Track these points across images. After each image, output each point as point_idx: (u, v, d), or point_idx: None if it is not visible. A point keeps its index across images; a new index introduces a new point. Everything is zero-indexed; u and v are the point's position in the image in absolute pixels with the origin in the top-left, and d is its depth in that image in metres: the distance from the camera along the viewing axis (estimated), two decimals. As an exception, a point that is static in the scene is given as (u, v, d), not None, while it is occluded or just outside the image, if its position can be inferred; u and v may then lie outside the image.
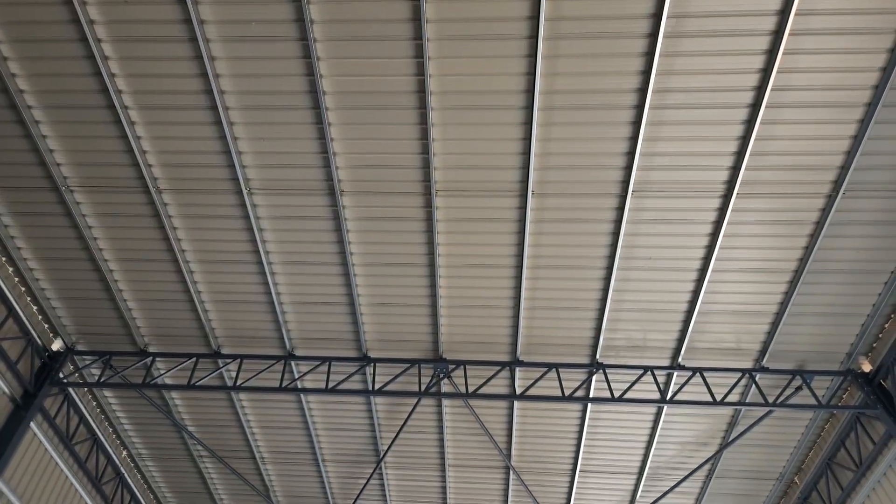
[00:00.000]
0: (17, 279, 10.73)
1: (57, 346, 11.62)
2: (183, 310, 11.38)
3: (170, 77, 8.48)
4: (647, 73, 8.10)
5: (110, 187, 9.69)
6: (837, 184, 8.99)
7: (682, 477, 13.36)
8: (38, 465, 11.24)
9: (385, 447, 13.76)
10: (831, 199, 9.13)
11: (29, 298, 11.04)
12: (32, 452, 11.09)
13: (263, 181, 9.55)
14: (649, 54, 7.94)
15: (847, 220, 9.41)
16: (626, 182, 9.21)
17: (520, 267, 10.41)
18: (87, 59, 8.29)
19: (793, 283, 10.21)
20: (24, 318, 10.83)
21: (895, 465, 10.98)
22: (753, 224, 9.56)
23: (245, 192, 9.56)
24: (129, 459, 14.10)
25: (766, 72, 8.00)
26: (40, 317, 11.32)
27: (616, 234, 9.83)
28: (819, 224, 9.44)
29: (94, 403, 12.84)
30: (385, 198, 9.70)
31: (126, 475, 13.97)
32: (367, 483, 14.07)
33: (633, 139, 8.74)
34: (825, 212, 9.29)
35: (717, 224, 9.56)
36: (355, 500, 14.42)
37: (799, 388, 11.33)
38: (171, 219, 10.06)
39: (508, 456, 13.77)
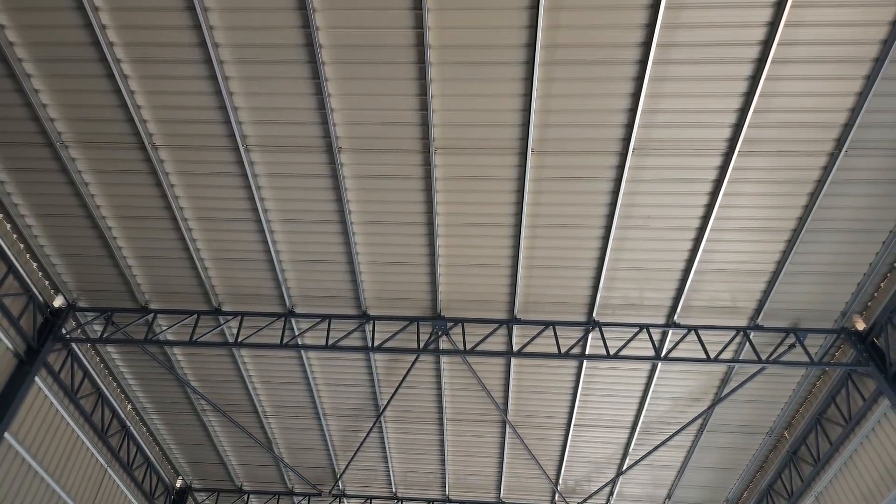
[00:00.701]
0: (15, 236, 10.72)
1: (58, 302, 11.70)
2: (183, 267, 11.42)
3: (162, 29, 8.27)
4: (651, 28, 7.91)
5: (105, 143, 9.58)
6: (840, 142, 8.90)
7: (674, 431, 13.68)
8: (45, 418, 11.47)
9: (384, 402, 14.04)
10: (833, 157, 9.06)
11: (28, 255, 11.05)
12: (38, 406, 11.30)
13: (260, 138, 9.44)
14: (654, 7, 7.74)
15: (848, 179, 9.37)
16: (626, 140, 9.12)
17: (518, 226, 10.40)
18: (77, 9, 8.08)
19: (791, 243, 10.23)
20: (24, 275, 10.87)
21: (883, 421, 11.25)
22: (754, 183, 9.52)
23: (242, 148, 9.46)
24: (133, 413, 14.38)
25: (772, 26, 7.82)
26: (40, 273, 11.36)
27: (615, 192, 9.79)
28: (820, 183, 9.39)
29: (98, 359, 13.02)
30: (383, 155, 9.61)
31: (131, 428, 14.28)
32: (367, 436, 14.42)
33: (636, 95, 8.60)
34: (826, 170, 9.23)
35: (718, 183, 9.52)
36: (355, 453, 14.82)
37: (792, 346, 11.49)
38: (168, 176, 9.99)
39: (505, 411, 14.06)
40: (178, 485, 16.63)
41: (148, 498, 15.02)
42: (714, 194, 9.67)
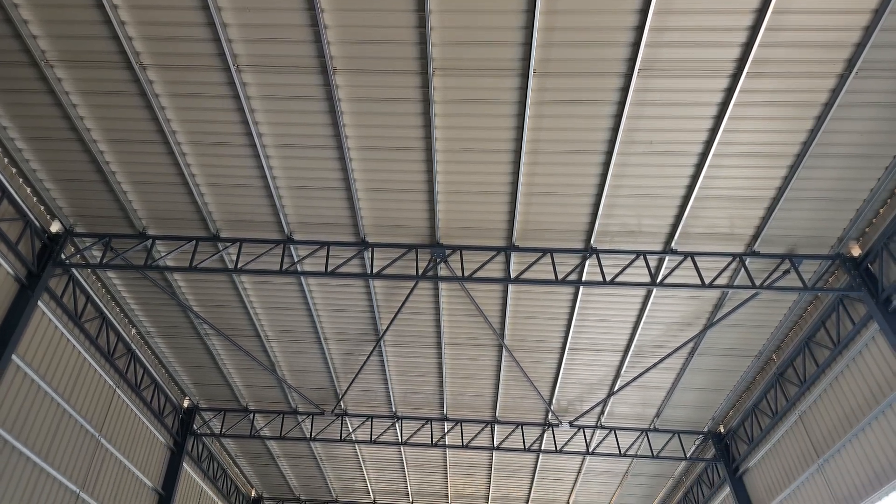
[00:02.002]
0: (6, 160, 10.53)
1: (55, 227, 11.66)
2: (179, 193, 11.30)
3: (143, -64, 7.77)
4: (662, -64, 7.46)
5: (91, 62, 9.22)
6: (851, 62, 8.62)
7: (665, 354, 14.10)
8: (50, 342, 11.70)
9: (384, 327, 14.32)
10: (843, 78, 8.81)
11: (21, 180, 10.90)
12: (43, 330, 11.50)
13: (252, 57, 9.09)
14: (667, -87, 7.27)
15: (855, 102, 9.15)
16: (632, 60, 8.81)
17: (518, 151, 10.24)
18: (50, -86, 7.54)
19: (793, 168, 10.13)
20: (19, 200, 10.77)
21: (871, 345, 11.56)
22: (760, 106, 9.30)
23: (233, 68, 9.13)
24: (138, 337, 14.68)
25: (791, -65, 7.38)
26: (35, 199, 11.25)
27: (618, 116, 9.57)
28: (827, 106, 9.18)
29: (100, 284, 13.13)
30: (380, 77, 9.30)
31: (137, 351, 14.62)
32: (367, 360, 14.83)
33: (644, 12, 8.23)
34: (835, 93, 9.00)
35: (723, 106, 9.29)
36: (356, 375, 15.30)
37: (787, 272, 11.61)
38: (159, 98, 9.69)
39: (502, 335, 14.39)
40: (185, 404, 17.24)
41: (157, 416, 15.59)
42: (719, 118, 9.47)
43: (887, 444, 11.29)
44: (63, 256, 11.70)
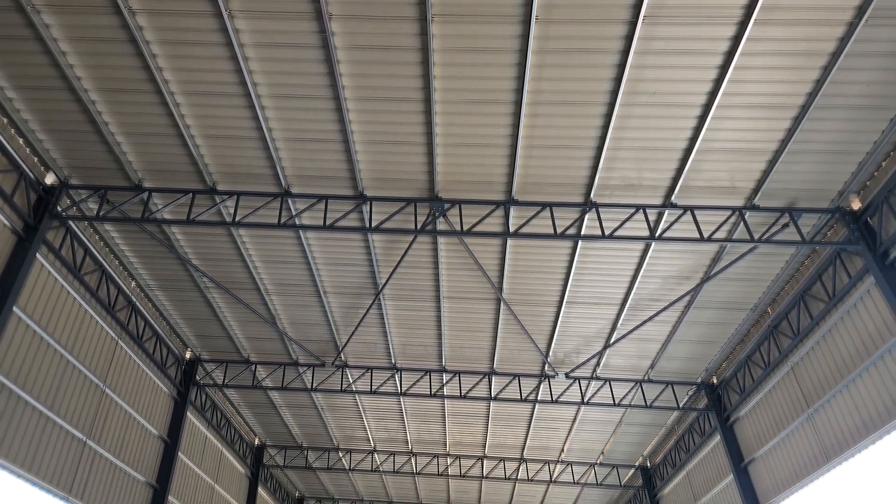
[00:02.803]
0: (-4, 111, 10.31)
1: (50, 180, 11.53)
2: (173, 144, 11.14)
3: None
4: None
5: (79, 6, 8.90)
6: (861, 9, 8.38)
7: (661, 308, 14.24)
8: (51, 294, 11.75)
9: (383, 281, 14.39)
10: (852, 26, 8.58)
11: (13, 130, 10.71)
12: (43, 283, 11.53)
13: (244, 2, 8.79)
14: None
15: (863, 52, 8.94)
16: (637, 6, 8.55)
17: (519, 103, 10.05)
18: None
19: (797, 120, 9.99)
20: (11, 151, 10.61)
21: (866, 298, 11.68)
22: (767, 55, 9.08)
23: (225, 14, 8.84)
24: (138, 289, 14.74)
25: None
26: (28, 149, 11.08)
27: (622, 66, 9.36)
28: (834, 55, 8.98)
29: (97, 237, 13.09)
30: (377, 23, 9.02)
31: (137, 304, 14.71)
32: (366, 313, 14.96)
33: (650, -46, 7.94)
34: (843, 41, 8.78)
35: (729, 55, 9.08)
36: (356, 328, 15.46)
37: (786, 226, 11.61)
38: (149, 45, 9.42)
39: (500, 289, 14.48)
40: (187, 356, 17.48)
41: (160, 368, 15.83)
42: (724, 68, 9.26)
43: (876, 395, 11.55)
44: (59, 209, 11.62)
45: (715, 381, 17.81)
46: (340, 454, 23.76)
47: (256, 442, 23.20)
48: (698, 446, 19.36)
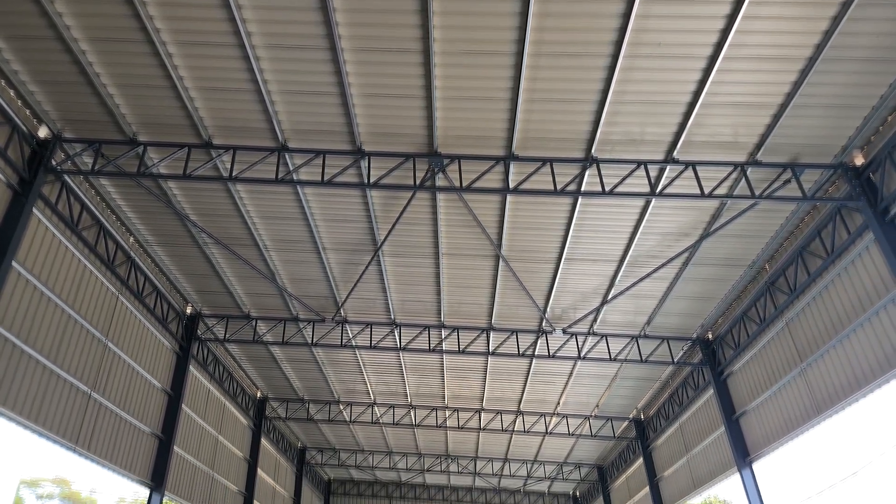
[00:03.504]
0: (-16, 61, 10.04)
1: (43, 133, 11.34)
2: (167, 97, 10.91)
3: None
4: None
5: (64, -49, 8.57)
6: (878, -44, 8.10)
7: (660, 264, 14.29)
8: (49, 249, 11.73)
9: (382, 237, 14.37)
10: (867, -26, 8.30)
11: (3, 81, 10.45)
12: (41, 238, 11.49)
13: (237, -54, 8.46)
14: None
15: (875, 0, 8.68)
16: (644, -48, 8.24)
17: (520, 54, 9.80)
18: None
19: (803, 73, 9.79)
20: (2, 103, 10.39)
21: (864, 255, 11.71)
22: (776, 4, 8.82)
23: (217, -41, 8.51)
24: (137, 245, 14.71)
25: None
26: (20, 102, 10.85)
27: (626, 15, 9.09)
28: (845, 4, 8.71)
29: (93, 192, 12.97)
30: (375, -31, 8.70)
31: (136, 259, 14.71)
32: (365, 269, 15.01)
33: None
34: (856, -10, 8.52)
35: (738, 4, 8.81)
36: (355, 284, 15.54)
37: (787, 182, 11.54)
38: (139, -8, 9.10)
39: (499, 246, 14.49)
40: (188, 311, 17.61)
41: (161, 322, 15.96)
42: (732, 17, 9.00)
43: (870, 350, 11.73)
44: (54, 163, 11.47)
45: (710, 336, 18.05)
46: (341, 407, 24.27)
47: (258, 395, 23.64)
48: (691, 400, 19.78)
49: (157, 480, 15.24)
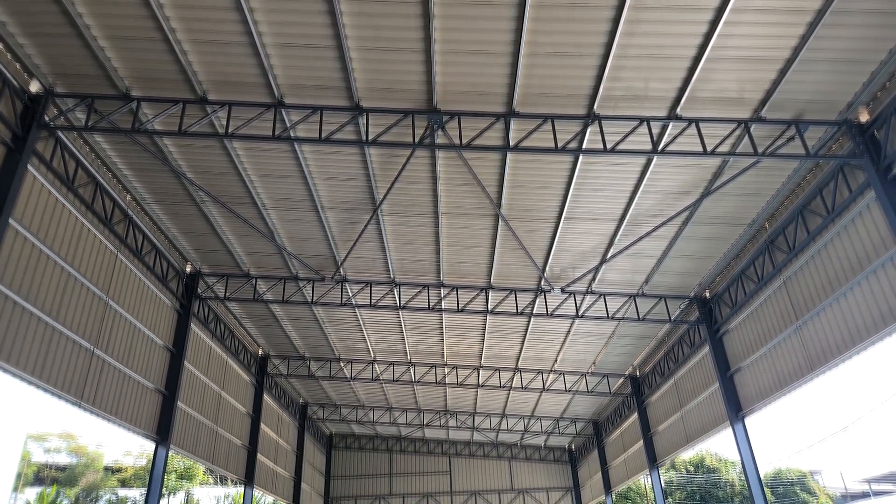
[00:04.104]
0: (-31, 12, 9.74)
1: (35, 88, 11.10)
2: (160, 51, 10.63)
3: None
4: None
5: None
6: None
7: (659, 223, 14.26)
8: (46, 207, 11.64)
9: (381, 196, 14.27)
10: (883, -80, 8.00)
11: (-10, 35, 10.18)
12: (37, 195, 11.39)
13: None
14: None
15: (892, -50, 8.40)
16: None
17: (522, 6, 9.52)
18: None
19: (811, 26, 9.54)
20: (-10, 57, 10.14)
21: (864, 213, 11.68)
22: (787, -47, 8.53)
23: None
24: (134, 203, 14.60)
25: None
26: (9, 55, 10.57)
27: (632, -36, 8.79)
28: (860, -47, 8.44)
29: (88, 149, 12.79)
30: (372, -86, 8.36)
31: (134, 217, 14.63)
32: (364, 228, 14.97)
33: None
34: (871, -62, 8.22)
35: (747, -48, 8.52)
36: (354, 243, 15.53)
37: (791, 139, 11.41)
38: (127, -62, 8.76)
39: (499, 205, 14.41)
40: (188, 270, 17.64)
41: (161, 280, 16.00)
42: (741, -33, 8.72)
43: (865, 307, 11.83)
44: (47, 118, 11.27)
45: (707, 295, 18.18)
46: (342, 364, 24.61)
47: (260, 352, 23.94)
48: (687, 357, 20.08)
49: (162, 434, 15.57)
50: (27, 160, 10.65)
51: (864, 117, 11.10)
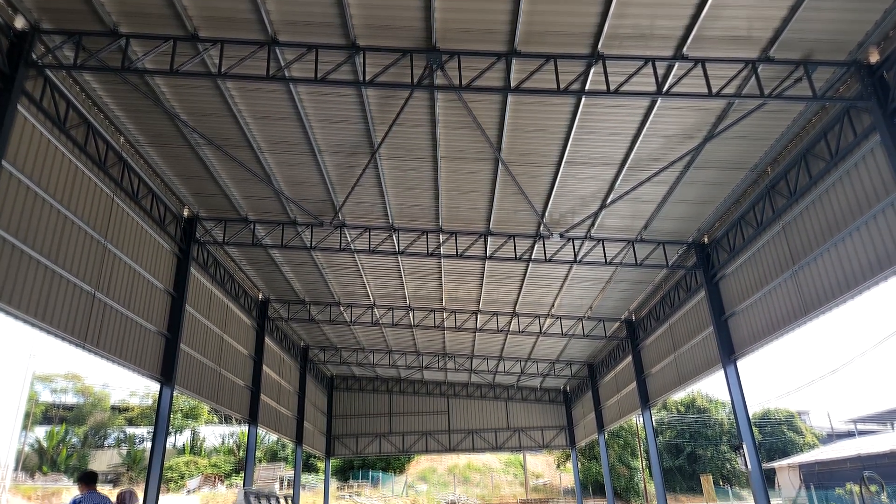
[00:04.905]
0: (-55, -59, 9.26)
1: (20, 24, 10.70)
2: (147, -16, 10.20)
3: None
4: None
5: None
6: None
7: (661, 167, 14.12)
8: (38, 148, 11.45)
9: (379, 139, 14.04)
10: None
11: (-32, -34, 9.73)
12: (28, 136, 11.17)
13: None
14: None
15: None
16: None
17: (525, -65, 9.08)
18: None
19: (828, -41, 9.15)
20: (-30, -9, 9.72)
21: (868, 157, 11.55)
22: None
23: None
24: (127, 145, 14.36)
25: None
26: (-11, -10, 10.15)
27: None
28: None
29: (78, 89, 12.47)
30: None
31: (129, 160, 14.43)
32: (363, 172, 14.81)
33: None
34: None
35: None
36: (353, 188, 15.40)
37: (798, 80, 11.15)
38: None
39: (498, 149, 14.22)
40: (185, 214, 17.56)
41: (159, 224, 15.94)
42: None
43: (863, 252, 11.88)
44: (34, 56, 10.92)
45: (706, 240, 18.22)
46: (342, 308, 24.91)
47: (260, 297, 24.17)
48: (682, 301, 20.33)
49: (166, 375, 15.90)
50: (17, 99, 10.38)
51: (874, 58, 10.80)
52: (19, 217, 10.93)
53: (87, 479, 8.20)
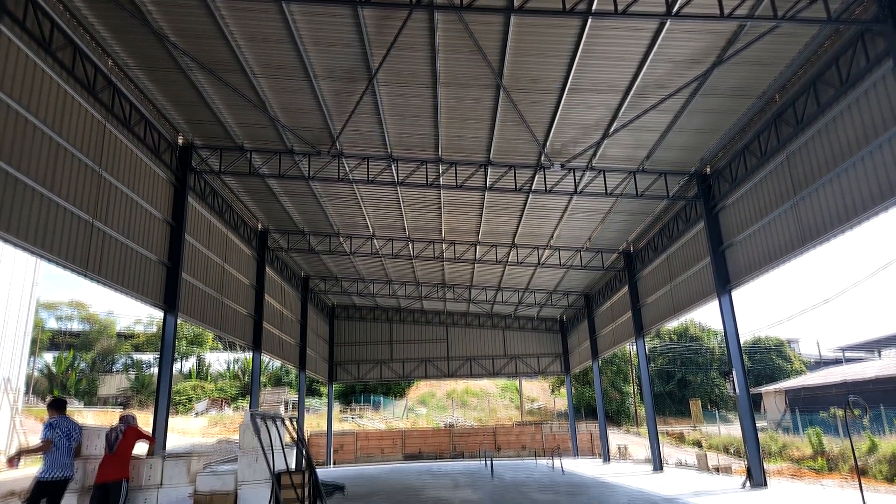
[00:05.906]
0: None
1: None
2: None
3: None
4: None
5: None
6: None
7: (667, 94, 13.75)
8: (24, 72, 11.06)
9: (377, 64, 13.58)
10: None
11: None
12: (14, 58, 10.75)
13: None
14: None
15: None
16: None
17: None
18: None
19: None
20: None
21: (878, 84, 11.23)
22: None
23: None
24: (116, 69, 13.89)
25: None
26: None
27: None
28: None
29: (62, 7, 11.89)
30: None
31: (119, 84, 14.00)
32: (360, 99, 14.42)
33: None
34: None
35: None
36: (350, 115, 15.04)
37: (812, 1, 10.66)
38: None
39: (500, 74, 13.78)
40: (180, 141, 17.24)
41: (154, 152, 15.68)
42: None
43: (864, 182, 11.78)
44: (11, -29, 10.36)
45: (708, 170, 18.04)
46: (341, 239, 24.97)
47: (260, 227, 24.17)
48: (681, 232, 20.37)
49: (169, 303, 16.12)
50: (-2, 18, 9.94)
51: (896, -24, 10.29)
52: (11, 144, 10.71)
53: (58, 406, 8.50)
